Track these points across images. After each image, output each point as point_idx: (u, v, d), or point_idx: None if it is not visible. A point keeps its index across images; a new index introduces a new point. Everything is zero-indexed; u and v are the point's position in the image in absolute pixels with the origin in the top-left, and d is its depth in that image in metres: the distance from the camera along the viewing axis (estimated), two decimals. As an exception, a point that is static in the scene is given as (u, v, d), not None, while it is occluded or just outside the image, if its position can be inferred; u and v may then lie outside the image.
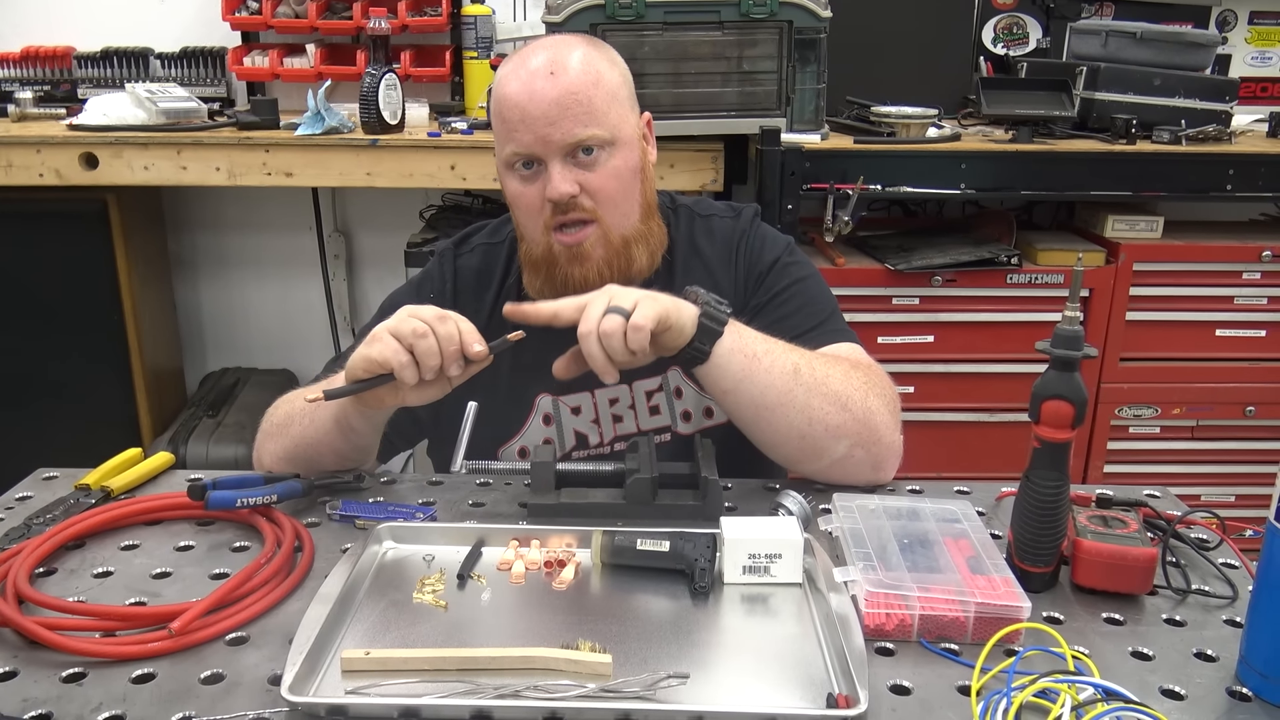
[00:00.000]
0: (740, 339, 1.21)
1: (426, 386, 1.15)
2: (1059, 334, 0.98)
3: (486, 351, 1.13)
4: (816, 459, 1.25)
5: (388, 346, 1.11)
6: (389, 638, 0.94)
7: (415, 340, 1.10)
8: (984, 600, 0.93)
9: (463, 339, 1.12)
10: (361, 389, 1.14)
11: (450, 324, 1.12)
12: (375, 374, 1.13)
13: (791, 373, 1.21)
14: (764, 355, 1.21)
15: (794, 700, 0.86)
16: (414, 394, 1.15)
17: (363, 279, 3.21)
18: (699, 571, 1.02)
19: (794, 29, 2.26)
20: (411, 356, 1.11)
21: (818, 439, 1.22)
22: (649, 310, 1.11)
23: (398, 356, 1.10)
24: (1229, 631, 0.97)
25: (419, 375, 1.11)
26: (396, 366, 1.10)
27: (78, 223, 2.67)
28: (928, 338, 2.44)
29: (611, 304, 1.11)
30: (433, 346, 1.10)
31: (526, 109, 1.27)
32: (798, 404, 1.21)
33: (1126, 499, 1.13)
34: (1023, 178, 2.38)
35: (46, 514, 1.15)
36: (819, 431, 1.22)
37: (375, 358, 1.11)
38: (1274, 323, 2.48)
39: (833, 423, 1.22)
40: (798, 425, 1.22)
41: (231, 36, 2.92)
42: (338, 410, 1.22)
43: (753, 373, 1.20)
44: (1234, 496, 2.56)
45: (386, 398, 1.17)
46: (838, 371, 1.25)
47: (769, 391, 1.21)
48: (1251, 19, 2.93)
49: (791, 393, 1.21)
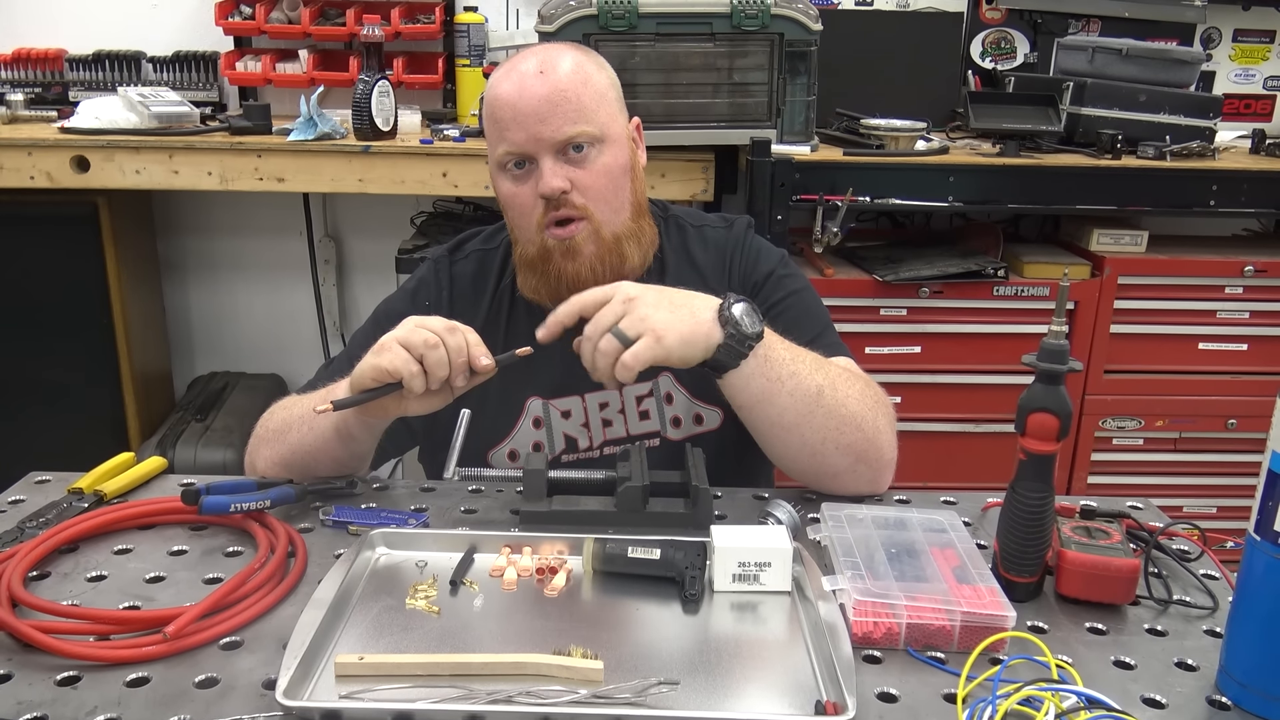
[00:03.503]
0: (766, 363, 1.19)
1: (430, 396, 1.16)
2: (1045, 348, 0.99)
3: (494, 365, 1.14)
4: (822, 475, 1.27)
5: (398, 356, 1.12)
6: (382, 643, 0.95)
7: (426, 351, 1.11)
8: (970, 609, 0.95)
9: (470, 351, 1.13)
10: (369, 399, 1.15)
11: (459, 336, 1.13)
12: (384, 383, 1.13)
13: (814, 395, 1.21)
14: (789, 379, 1.20)
15: (782, 707, 0.87)
16: (417, 404, 1.16)
17: (353, 285, 3.21)
18: (689, 579, 1.03)
19: (785, 41, 2.28)
20: (421, 367, 1.12)
21: (829, 457, 1.24)
22: (645, 353, 1.11)
23: (408, 366, 1.11)
24: (1209, 641, 0.99)
25: (426, 385, 1.13)
26: (407, 376, 1.11)
27: (68, 226, 2.66)
28: (915, 349, 2.46)
29: (618, 326, 1.12)
30: (443, 358, 1.11)
31: (518, 106, 1.29)
32: (815, 425, 1.22)
33: (1110, 510, 1.15)
34: (1010, 191, 2.41)
35: (39, 518, 1.16)
36: (830, 450, 1.23)
37: (385, 367, 1.12)
38: (1256, 337, 2.51)
39: (845, 442, 1.23)
40: (811, 444, 1.23)
41: (224, 41, 2.92)
42: (338, 418, 1.23)
43: (773, 395, 1.20)
44: (1215, 508, 2.59)
45: (390, 407, 1.17)
46: (856, 391, 1.25)
47: (787, 414, 1.21)
48: (1235, 37, 2.97)
49: (811, 415, 1.21)
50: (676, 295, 1.18)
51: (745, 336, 1.17)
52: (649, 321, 1.13)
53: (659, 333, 1.13)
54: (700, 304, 1.18)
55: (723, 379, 1.20)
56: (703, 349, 1.16)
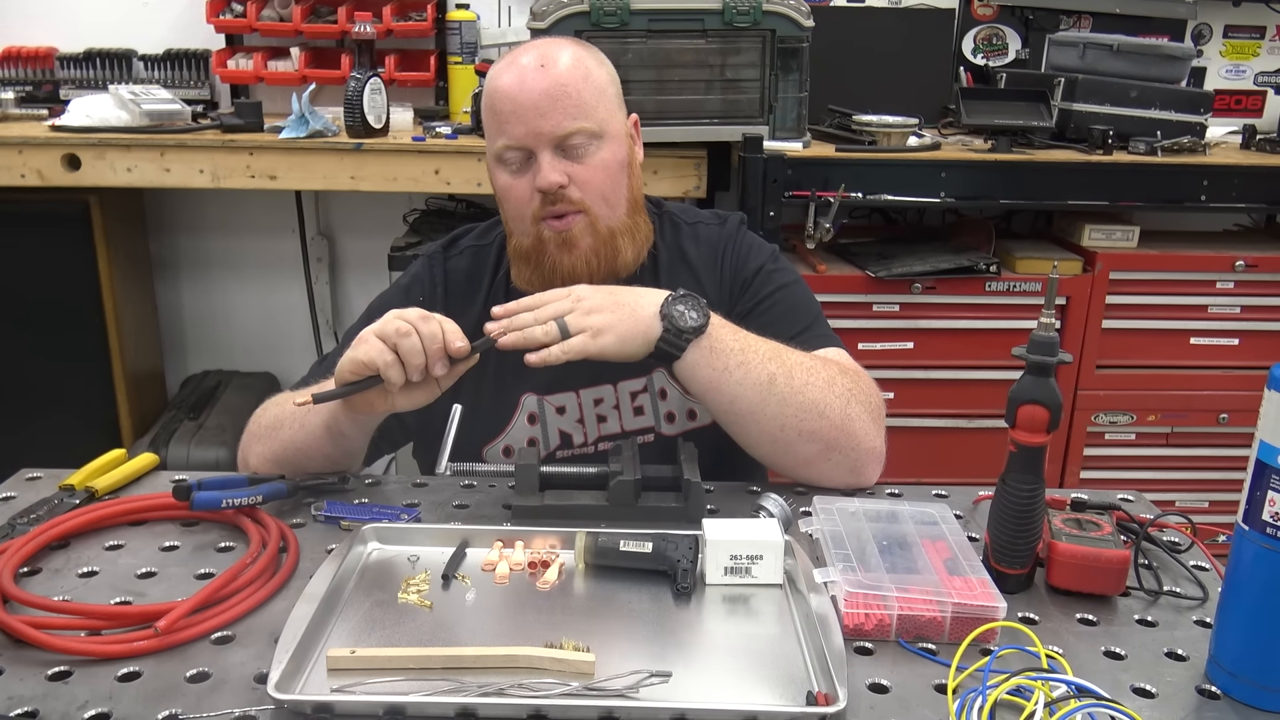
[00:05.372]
0: (711, 353, 1.23)
1: (415, 391, 1.16)
2: (1034, 340, 0.99)
3: (469, 349, 1.14)
4: (791, 462, 1.28)
5: (373, 347, 1.12)
6: (374, 637, 0.95)
7: (399, 339, 1.12)
8: (961, 601, 0.95)
9: (445, 337, 1.13)
10: (350, 392, 1.15)
11: (433, 323, 1.14)
12: (362, 375, 1.14)
13: (765, 384, 1.23)
14: (737, 368, 1.23)
15: (774, 698, 0.87)
16: (403, 398, 1.17)
17: (345, 282, 3.20)
18: (681, 572, 1.03)
19: (777, 38, 2.28)
20: (396, 356, 1.12)
21: (790, 444, 1.25)
22: (576, 347, 1.17)
23: (383, 356, 1.12)
24: (1199, 632, 0.99)
25: (405, 375, 1.13)
26: (382, 366, 1.12)
27: (59, 224, 2.65)
28: (907, 344, 2.46)
29: (562, 317, 1.17)
30: (416, 345, 1.12)
31: (518, 99, 1.29)
32: (769, 413, 1.23)
33: (1101, 503, 1.15)
34: (1001, 187, 2.41)
35: (31, 514, 1.15)
36: (791, 437, 1.24)
37: (361, 358, 1.13)
38: (1247, 331, 2.52)
39: (808, 429, 1.24)
40: (770, 431, 1.24)
41: (216, 39, 2.91)
42: (328, 415, 1.23)
43: (721, 384, 1.23)
44: (1207, 502, 2.60)
45: (377, 403, 1.17)
46: (820, 378, 1.26)
47: (738, 402, 1.24)
48: (1226, 33, 2.98)
49: (763, 403, 1.23)
50: (624, 295, 1.23)
51: (682, 330, 1.21)
52: (589, 319, 1.19)
53: (597, 329, 1.18)
54: (646, 302, 1.22)
55: (673, 369, 1.25)
56: (643, 344, 1.21)
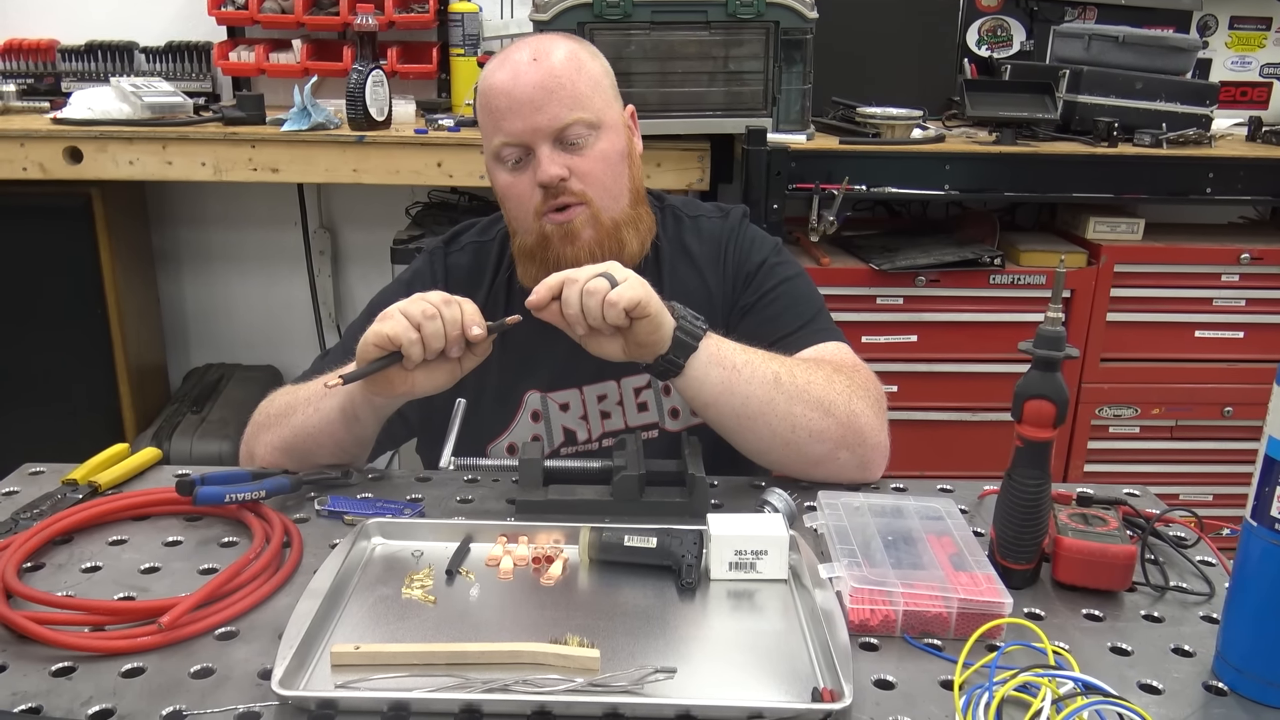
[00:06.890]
0: (719, 350, 1.21)
1: (435, 372, 1.16)
2: (1041, 334, 0.99)
3: (485, 333, 1.14)
4: (802, 464, 1.27)
5: (399, 323, 1.13)
6: (378, 632, 0.95)
7: (424, 320, 1.12)
8: (966, 596, 0.95)
9: (464, 321, 1.14)
10: (375, 369, 1.15)
11: (455, 308, 1.14)
12: (386, 349, 1.14)
13: (772, 381, 1.22)
14: (743, 366, 1.22)
15: (779, 694, 0.87)
16: (423, 378, 1.17)
17: (348, 275, 3.20)
18: (685, 568, 1.03)
19: (780, 29, 2.27)
20: (419, 335, 1.12)
21: (802, 445, 1.24)
22: (631, 292, 1.11)
23: (408, 334, 1.12)
24: (1205, 627, 0.99)
25: (424, 355, 1.13)
26: (405, 343, 1.12)
27: (61, 217, 2.65)
28: (911, 337, 2.45)
29: (605, 271, 1.13)
30: (439, 329, 1.12)
31: (513, 94, 1.29)
32: (780, 412, 1.22)
33: (1106, 497, 1.15)
34: (1006, 179, 2.40)
35: (33, 509, 1.15)
36: (803, 438, 1.23)
37: (387, 332, 1.13)
38: (1252, 324, 2.52)
39: (816, 428, 1.23)
40: (781, 433, 1.23)
41: (217, 31, 2.90)
42: (345, 399, 1.23)
43: (733, 384, 1.21)
44: (1212, 496, 2.59)
45: (397, 383, 1.17)
46: (819, 377, 1.25)
47: (750, 401, 1.22)
48: (1232, 24, 2.96)
49: (773, 401, 1.22)
50: None
51: (693, 324, 1.19)
52: (629, 274, 1.14)
53: (643, 281, 1.14)
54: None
55: (683, 379, 1.20)
56: (668, 320, 1.16)
